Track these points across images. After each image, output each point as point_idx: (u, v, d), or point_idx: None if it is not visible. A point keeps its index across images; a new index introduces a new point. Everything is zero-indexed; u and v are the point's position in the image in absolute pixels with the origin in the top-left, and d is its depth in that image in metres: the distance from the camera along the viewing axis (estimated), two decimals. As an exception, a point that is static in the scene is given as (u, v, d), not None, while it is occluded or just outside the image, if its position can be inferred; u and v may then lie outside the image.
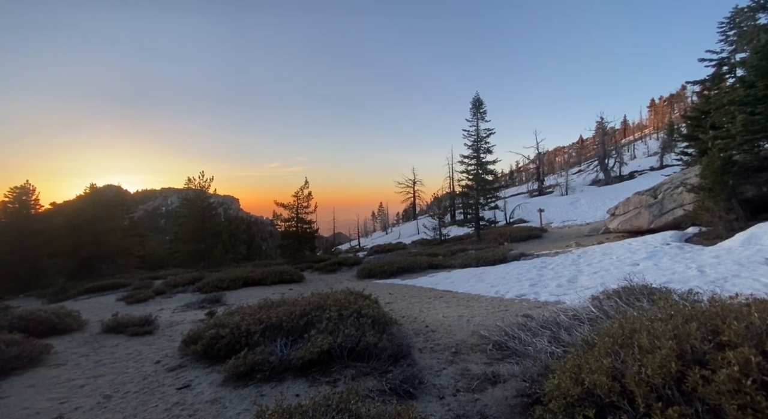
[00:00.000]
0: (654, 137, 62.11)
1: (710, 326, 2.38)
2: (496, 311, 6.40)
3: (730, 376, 1.80)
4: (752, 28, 9.28)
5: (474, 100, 24.49)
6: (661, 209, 12.56)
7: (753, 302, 2.60)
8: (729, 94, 9.82)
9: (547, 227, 24.85)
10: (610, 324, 3.24)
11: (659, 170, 36.81)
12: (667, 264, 7.81)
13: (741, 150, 9.57)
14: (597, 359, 2.62)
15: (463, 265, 13.46)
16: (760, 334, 2.11)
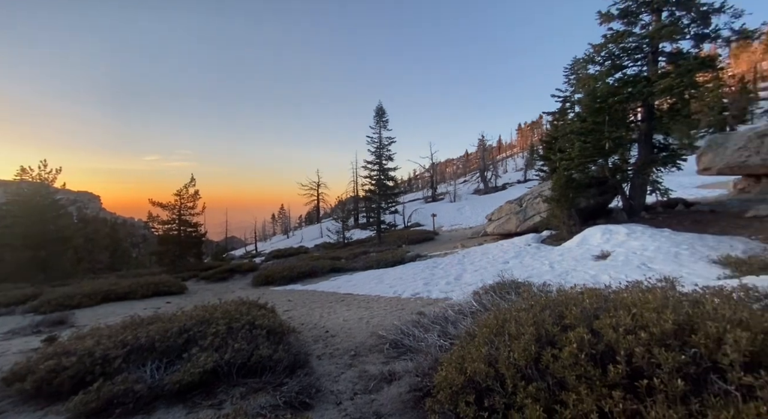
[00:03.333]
0: (521, 155, 74.67)
1: (558, 312, 2.93)
2: (394, 310, 6.69)
3: (570, 352, 2.23)
4: (585, 76, 12.05)
5: (377, 109, 25.51)
6: (525, 215, 15.15)
7: (585, 291, 3.30)
8: (570, 125, 12.50)
9: (439, 230, 27.38)
10: (487, 316, 3.70)
11: (524, 183, 44.35)
12: (529, 262, 9.39)
13: (578, 170, 12.20)
14: (477, 348, 2.94)
15: (365, 267, 13.76)
16: (590, 316, 2.68)
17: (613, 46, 11.30)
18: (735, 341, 1.84)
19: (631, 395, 1.86)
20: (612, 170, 11.78)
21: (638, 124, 12.13)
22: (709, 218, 10.67)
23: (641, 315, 2.35)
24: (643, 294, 2.62)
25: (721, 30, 10.05)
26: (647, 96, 10.72)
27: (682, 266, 6.74)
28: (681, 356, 1.89)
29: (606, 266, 7.60)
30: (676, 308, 2.32)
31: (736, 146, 14.27)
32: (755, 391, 1.62)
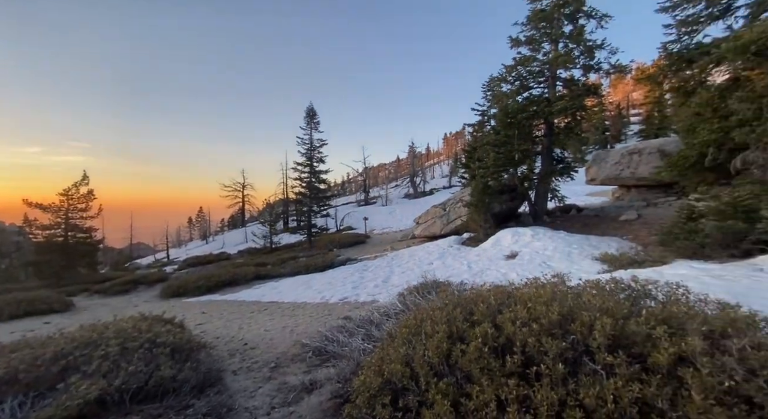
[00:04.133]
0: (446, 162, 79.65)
1: (468, 309, 3.16)
2: (320, 316, 6.54)
3: (475, 347, 2.41)
4: (499, 93, 13.40)
5: (308, 110, 24.94)
6: (448, 219, 16.17)
7: (492, 289, 3.62)
8: (486, 137, 13.75)
9: (371, 233, 27.71)
10: (407, 316, 3.83)
11: (449, 188, 47.37)
12: (451, 262, 10.01)
13: (493, 178, 13.43)
14: (396, 349, 3.01)
15: (293, 273, 13.25)
16: (495, 312, 2.94)
17: (522, 69, 12.76)
18: (602, 327, 2.17)
19: (524, 382, 2.08)
20: (521, 179, 13.22)
21: (542, 138, 13.83)
22: (594, 222, 12.62)
23: (534, 308, 2.65)
24: (537, 290, 2.95)
25: (602, 63, 12.07)
26: (548, 115, 12.30)
27: (573, 263, 7.83)
28: (563, 343, 2.17)
29: (514, 264, 8.46)
30: (561, 302, 2.66)
31: (614, 161, 17.16)
32: (615, 369, 1.93)
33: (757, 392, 1.59)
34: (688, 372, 1.71)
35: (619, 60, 11.99)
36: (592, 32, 12.13)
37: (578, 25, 12.15)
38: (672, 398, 1.66)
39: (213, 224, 60.05)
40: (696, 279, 4.94)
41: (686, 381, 1.69)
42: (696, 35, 7.69)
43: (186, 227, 63.64)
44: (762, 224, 6.11)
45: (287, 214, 33.64)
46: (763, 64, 6.99)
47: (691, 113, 8.21)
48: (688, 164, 8.39)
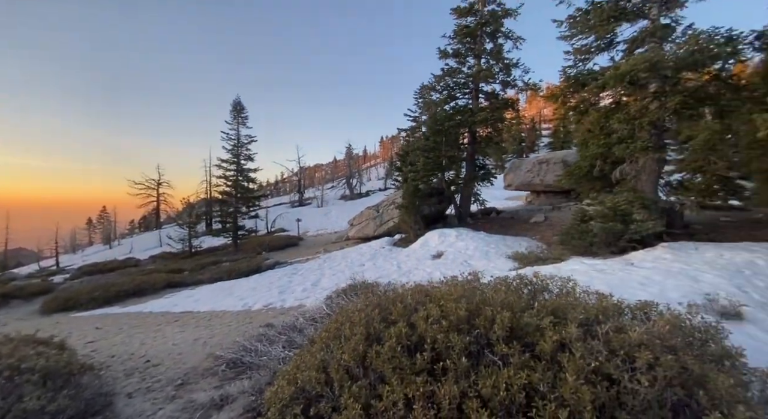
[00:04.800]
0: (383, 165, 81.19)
1: (387, 310, 3.21)
2: (240, 325, 6.11)
3: (390, 346, 2.44)
4: (429, 101, 14.09)
5: (235, 104, 23.32)
6: (381, 220, 16.45)
7: (412, 288, 3.74)
8: (418, 142, 14.35)
9: (304, 235, 26.89)
10: (329, 320, 3.75)
11: (384, 190, 48.30)
12: (382, 263, 10.16)
13: (423, 181, 14.04)
14: (313, 355, 2.92)
15: (214, 279, 12.22)
16: (411, 311, 3.03)
17: (449, 80, 13.58)
18: (501, 320, 2.36)
19: (431, 378, 2.16)
20: (448, 183, 14.02)
21: (466, 146, 14.85)
22: (510, 223, 13.92)
23: (446, 305, 2.79)
24: (450, 288, 3.11)
25: (517, 80, 13.45)
26: (472, 124, 13.27)
27: (490, 261, 8.50)
28: (468, 337, 2.31)
29: (439, 264, 8.90)
30: (469, 298, 2.84)
31: (527, 169, 19.17)
32: (510, 358, 2.10)
33: (615, 369, 1.86)
34: (565, 357, 1.93)
35: (531, 79, 13.48)
36: (509, 52, 13.47)
37: (498, 44, 13.37)
38: (553, 381, 1.85)
39: (120, 226, 52.67)
40: (585, 273, 5.72)
41: (564, 365, 1.90)
42: (588, 63, 9.01)
43: (84, 229, 54.81)
44: (634, 226, 7.33)
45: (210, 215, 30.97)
46: (636, 92, 8.44)
47: (584, 130, 9.53)
48: (582, 173, 9.72)
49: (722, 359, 2.12)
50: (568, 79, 9.03)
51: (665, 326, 2.25)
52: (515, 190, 21.00)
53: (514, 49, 13.52)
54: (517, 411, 1.81)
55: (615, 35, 8.68)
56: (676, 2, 7.72)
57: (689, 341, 2.28)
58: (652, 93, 8.01)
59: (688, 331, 2.36)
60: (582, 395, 1.68)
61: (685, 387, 1.81)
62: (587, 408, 1.64)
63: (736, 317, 3.61)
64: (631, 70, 7.18)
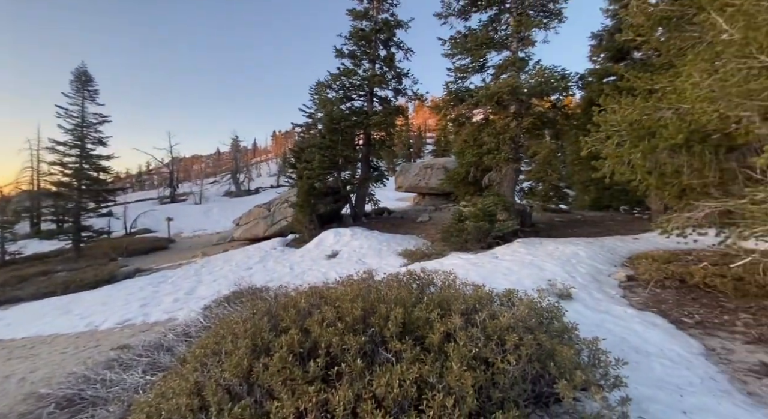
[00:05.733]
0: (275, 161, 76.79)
1: (279, 316, 2.95)
2: (80, 351, 4.84)
3: (280, 357, 2.23)
4: (325, 99, 13.89)
5: (78, 73, 18.56)
6: (273, 220, 15.46)
7: (306, 291, 3.55)
8: (313, 139, 13.98)
9: (178, 236, 23.31)
10: (206, 334, 3.26)
11: (277, 188, 45.70)
12: (272, 266, 9.51)
13: (318, 180, 13.75)
14: (185, 377, 2.47)
15: (41, 294, 9.45)
16: (305, 316, 2.86)
17: (345, 80, 13.66)
18: (395, 317, 2.41)
19: (325, 384, 2.05)
20: (344, 182, 14.08)
21: (362, 147, 15.18)
22: (400, 222, 14.82)
23: (342, 306, 2.72)
24: (346, 288, 3.05)
25: (407, 89, 14.42)
26: (367, 126, 13.63)
27: (383, 259, 8.85)
28: (363, 337, 2.28)
29: (334, 263, 8.84)
30: (365, 297, 2.84)
31: (414, 173, 20.77)
32: (402, 354, 2.15)
33: (491, 353, 2.08)
34: (451, 347, 2.08)
35: (419, 89, 14.63)
36: (401, 61, 14.35)
37: (390, 52, 14.09)
38: (440, 371, 1.95)
39: None
40: (462, 267, 6.44)
41: (450, 354, 2.03)
42: (466, 81, 10.29)
43: None
44: (498, 224, 8.64)
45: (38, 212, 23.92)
46: (501, 111, 9.99)
47: (461, 140, 10.82)
48: (459, 178, 11.01)
49: (563, 333, 2.61)
50: (450, 94, 10.11)
51: (525, 310, 2.65)
52: (405, 191, 22.54)
53: (405, 59, 14.49)
54: (409, 406, 1.85)
55: (486, 60, 10.12)
56: (529, 41, 9.45)
57: (541, 321, 2.73)
58: (512, 113, 9.61)
59: (539, 312, 2.82)
60: (465, 381, 1.82)
61: (540, 361, 2.15)
62: (469, 393, 1.78)
63: (568, 297, 4.56)
64: (498, 91, 8.47)
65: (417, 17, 14.11)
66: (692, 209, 4.73)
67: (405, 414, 1.79)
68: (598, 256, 6.68)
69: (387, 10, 14.14)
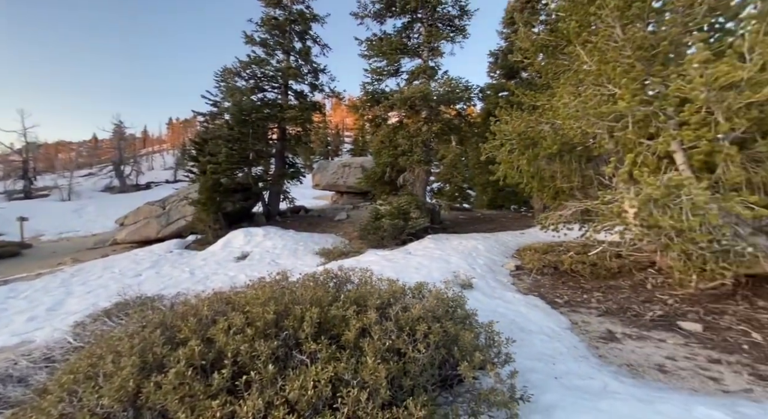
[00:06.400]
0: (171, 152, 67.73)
1: (176, 327, 2.62)
2: None
3: (177, 372, 1.98)
4: (234, 87, 12.77)
5: None
6: (168, 219, 13.63)
7: (209, 297, 3.22)
8: (220, 130, 12.73)
9: (35, 240, 18.84)
10: (77, 357, 2.71)
11: (173, 183, 40.38)
12: (168, 271, 8.39)
13: (225, 175, 12.58)
14: (45, 411, 2.03)
15: None
16: (208, 324, 2.59)
17: (257, 69, 12.78)
18: (310, 317, 2.35)
19: (232, 396, 1.89)
20: (256, 179, 13.17)
21: (276, 142, 14.41)
22: (317, 221, 14.54)
23: (252, 311, 2.54)
24: (257, 291, 2.87)
25: (324, 86, 14.18)
26: (281, 120, 12.99)
27: (299, 259, 8.56)
28: (275, 342, 2.17)
29: (244, 265, 8.22)
30: (278, 299, 2.70)
31: (332, 171, 20.60)
32: (318, 354, 2.12)
33: (403, 344, 2.19)
34: (366, 342, 2.12)
35: (336, 87, 14.54)
36: (317, 56, 14.03)
37: (306, 46, 13.66)
38: (356, 367, 1.98)
39: None
40: (378, 263, 6.63)
41: (365, 349, 2.08)
42: (381, 83, 10.62)
43: None
44: (411, 222, 9.13)
45: None
46: (414, 115, 10.56)
47: (378, 141, 11.12)
48: (376, 177, 11.30)
49: (465, 320, 2.89)
50: (366, 95, 10.30)
51: (433, 300, 2.86)
52: (323, 189, 22.18)
53: (322, 55, 14.22)
54: (324, 406, 1.83)
55: (401, 65, 10.59)
56: (438, 51, 10.20)
57: (447, 310, 2.98)
58: (424, 118, 10.25)
59: (446, 302, 3.07)
60: (379, 373, 1.88)
61: (446, 347, 2.35)
62: (383, 385, 1.84)
63: (469, 287, 5.06)
64: (411, 96, 8.94)
65: (334, 15, 13.99)
66: (563, 208, 5.68)
67: (319, 414, 1.76)
68: (493, 249, 7.57)
69: (302, 1, 13.67)
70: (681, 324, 3.67)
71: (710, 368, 2.91)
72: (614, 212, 3.88)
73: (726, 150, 3.13)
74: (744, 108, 2.92)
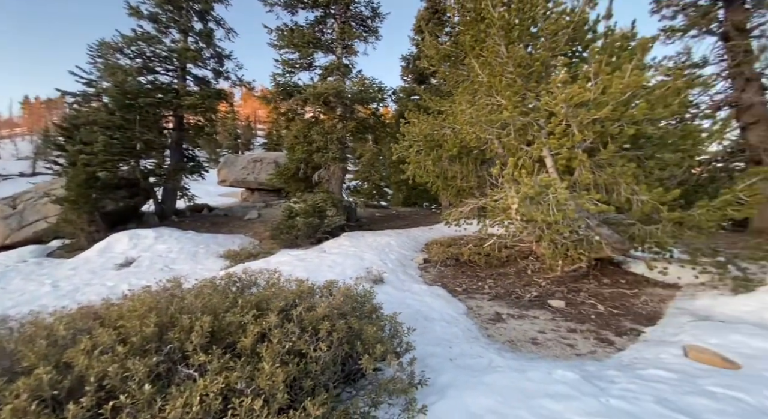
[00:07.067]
0: (28, 139, 54.62)
1: (15, 356, 2.11)
2: None
3: (15, 409, 1.60)
4: (115, 65, 10.82)
5: None
6: (21, 221, 10.94)
7: (72, 313, 2.68)
8: (96, 115, 10.68)
9: None
10: None
11: (31, 177, 32.72)
12: (19, 285, 6.76)
13: (105, 168, 10.64)
14: None
15: None
16: (65, 346, 2.15)
17: (145, 47, 11.08)
18: (200, 327, 2.13)
19: (95, 428, 1.61)
20: (145, 173, 11.45)
21: (172, 132, 12.73)
22: (224, 221, 13.33)
23: (126, 326, 2.19)
24: (134, 302, 2.49)
25: (230, 73, 13.04)
26: (177, 107, 11.52)
27: (198, 263, 7.73)
28: (153, 358, 1.91)
29: (129, 273, 7.09)
30: (162, 310, 2.39)
31: (242, 166, 19.13)
32: (207, 366, 1.93)
33: (304, 344, 2.14)
34: (264, 347, 2.01)
35: (244, 75, 13.53)
36: (222, 40, 12.80)
37: (208, 27, 12.36)
38: (251, 374, 1.86)
39: None
40: (290, 264, 6.39)
41: (263, 355, 1.97)
42: (294, 76, 10.22)
43: None
44: (327, 220, 9.01)
45: None
46: (329, 112, 10.44)
47: (292, 136, 10.70)
48: (290, 174, 10.87)
49: (371, 313, 2.97)
50: (278, 87, 9.80)
51: (341, 297, 2.86)
52: (230, 186, 20.41)
53: (227, 39, 13.02)
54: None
55: (314, 59, 10.34)
56: (352, 50, 10.26)
57: (355, 305, 3.02)
58: (339, 116, 10.21)
59: (354, 298, 3.11)
60: (276, 378, 1.80)
61: (350, 342, 2.37)
62: (280, 389, 1.77)
63: (381, 281, 5.23)
64: (324, 92, 8.81)
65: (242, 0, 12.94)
66: (463, 205, 6.25)
67: (206, 431, 1.61)
68: (405, 244, 7.95)
69: (203, -24, 12.31)
70: (550, 302, 4.38)
71: (569, 337, 3.53)
72: (501, 208, 4.42)
73: (580, 157, 3.83)
74: (591, 123, 3.62)
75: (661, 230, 3.93)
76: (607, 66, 3.62)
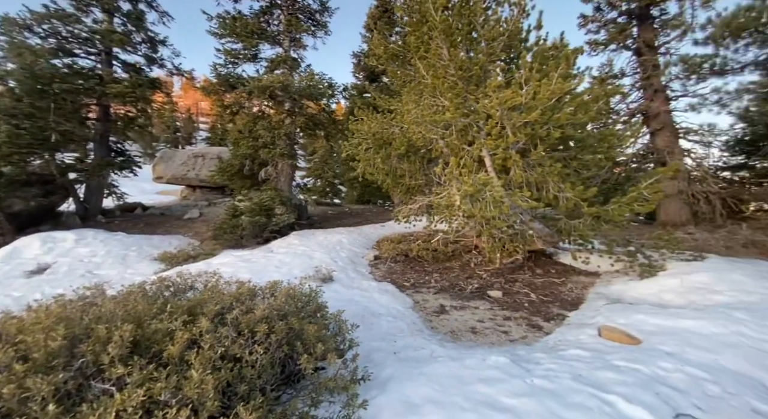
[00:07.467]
0: None
1: None
2: None
3: None
4: (22, 45, 9.40)
5: None
6: None
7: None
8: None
9: None
10: None
11: None
12: None
13: (11, 163, 9.25)
14: None
15: None
16: (-53, 369, 1.84)
17: (61, 25, 9.78)
18: (120, 337, 1.95)
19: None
20: (62, 168, 10.15)
21: (96, 123, 11.42)
22: (160, 221, 12.28)
23: (27, 340, 1.94)
24: (38, 313, 2.21)
25: (166, 60, 11.97)
26: (101, 95, 10.36)
27: (128, 267, 7.06)
28: (60, 374, 1.71)
29: (42, 281, 6.27)
30: (73, 321, 2.15)
31: (181, 162, 17.76)
32: (127, 378, 1.78)
33: (239, 349, 2.06)
34: (193, 354, 1.90)
35: (182, 64, 12.53)
36: (155, 24, 11.72)
37: (138, 9, 11.22)
38: (177, 384, 1.75)
39: None
40: (233, 265, 6.08)
41: (192, 362, 1.86)
42: (237, 67, 9.69)
43: None
44: (275, 219, 8.71)
45: None
46: (276, 106, 10.06)
47: (236, 130, 10.15)
48: (234, 171, 10.31)
49: (316, 313, 2.93)
50: (219, 78, 9.24)
51: (283, 298, 2.79)
52: (167, 183, 18.84)
53: (162, 24, 11.93)
54: (132, 438, 1.55)
55: (259, 51, 9.89)
56: (301, 43, 9.99)
57: (299, 306, 2.96)
58: (287, 110, 9.89)
59: (299, 298, 3.05)
60: (206, 386, 1.71)
61: (290, 343, 2.32)
62: (210, 396, 1.69)
63: (330, 280, 5.18)
64: (270, 86, 8.47)
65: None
66: (413, 202, 6.41)
67: (123, 449, 1.49)
68: (356, 242, 7.96)
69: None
70: (489, 293, 4.67)
71: (504, 324, 3.80)
72: (445, 205, 4.61)
73: (513, 157, 4.12)
74: (523, 125, 3.91)
75: (583, 224, 4.37)
76: (537, 73, 3.92)
